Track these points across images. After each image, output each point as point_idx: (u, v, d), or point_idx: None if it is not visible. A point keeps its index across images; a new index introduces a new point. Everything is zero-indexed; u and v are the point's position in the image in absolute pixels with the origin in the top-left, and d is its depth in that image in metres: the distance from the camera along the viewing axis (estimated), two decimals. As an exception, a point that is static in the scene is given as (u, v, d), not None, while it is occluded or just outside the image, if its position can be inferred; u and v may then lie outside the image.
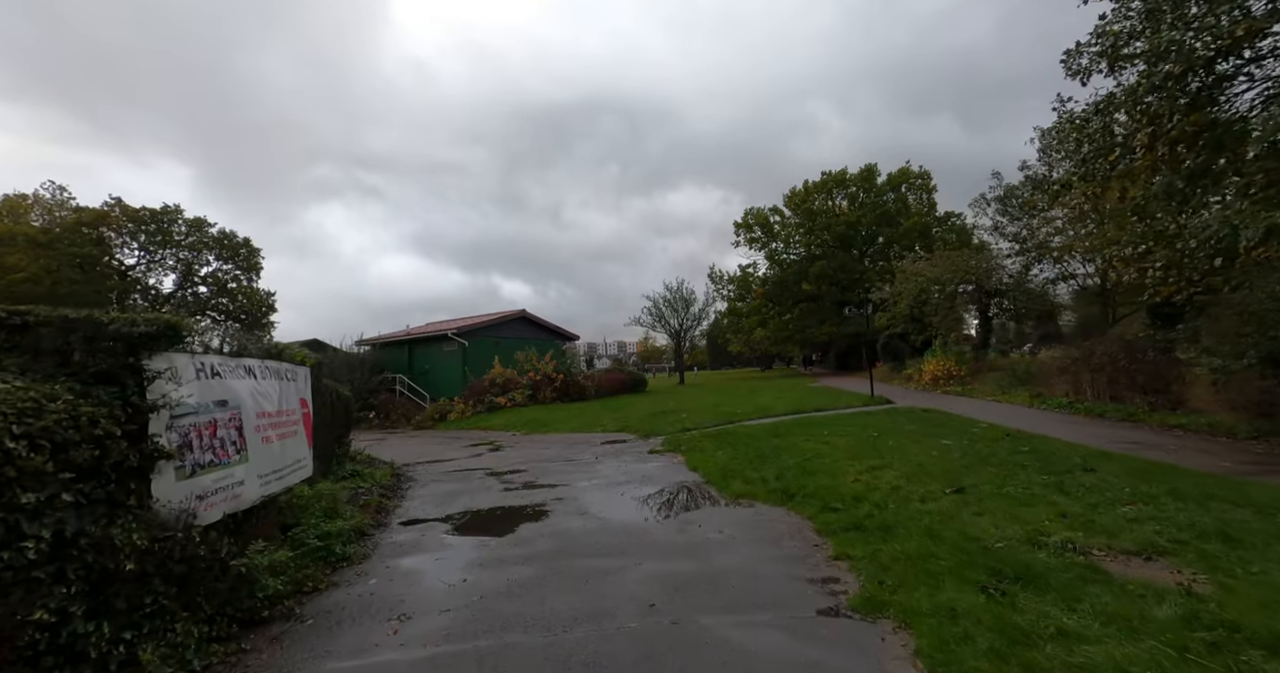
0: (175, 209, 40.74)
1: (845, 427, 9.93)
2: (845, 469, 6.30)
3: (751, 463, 7.43)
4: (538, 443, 12.24)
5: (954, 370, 17.12)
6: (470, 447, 12.28)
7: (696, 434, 11.02)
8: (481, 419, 18.01)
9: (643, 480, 7.21)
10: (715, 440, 9.83)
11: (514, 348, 22.28)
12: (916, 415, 11.09)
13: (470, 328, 22.23)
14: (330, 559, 3.90)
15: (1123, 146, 9.75)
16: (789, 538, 4.38)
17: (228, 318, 43.85)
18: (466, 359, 21.56)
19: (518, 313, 24.63)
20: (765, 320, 43.29)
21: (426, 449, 12.18)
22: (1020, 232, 18.90)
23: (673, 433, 12.08)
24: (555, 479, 7.62)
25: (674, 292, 32.80)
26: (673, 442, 10.44)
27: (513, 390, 20.17)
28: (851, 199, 42.76)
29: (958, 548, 3.60)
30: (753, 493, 5.88)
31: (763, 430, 10.36)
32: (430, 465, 9.64)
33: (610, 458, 9.29)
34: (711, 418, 13.56)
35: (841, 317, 39.49)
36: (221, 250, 43.37)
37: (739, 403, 16.53)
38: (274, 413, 3.94)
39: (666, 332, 33.26)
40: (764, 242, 44.58)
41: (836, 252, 39.85)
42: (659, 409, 16.40)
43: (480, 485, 7.40)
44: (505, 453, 10.92)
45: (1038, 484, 5.17)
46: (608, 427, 14.05)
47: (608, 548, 4.40)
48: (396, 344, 23.35)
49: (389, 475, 7.83)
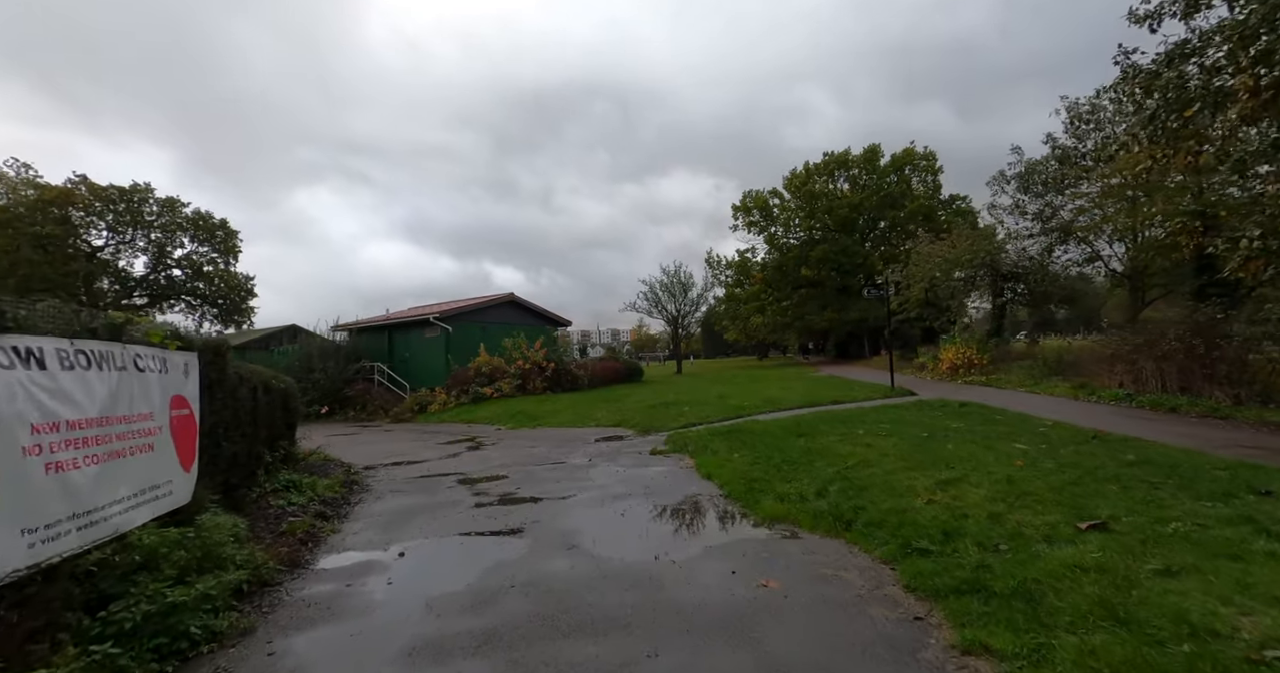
0: (145, 188, 38.58)
1: (879, 423, 8.59)
2: (908, 484, 4.96)
3: (779, 470, 6.09)
4: (524, 439, 10.86)
5: (975, 359, 15.87)
6: (448, 444, 10.88)
7: (704, 431, 9.67)
8: (465, 411, 16.61)
9: (646, 492, 5.85)
10: (727, 439, 8.48)
11: (501, 334, 20.82)
12: (954, 409, 9.79)
13: (454, 313, 20.72)
14: (174, 649, 2.52)
15: (1207, 99, 8.35)
16: (872, 601, 3.02)
17: (204, 303, 41.98)
18: (450, 346, 20.07)
19: (506, 297, 23.13)
20: (764, 307, 41.96)
21: (398, 447, 10.77)
22: (1042, 210, 17.58)
23: (676, 429, 10.74)
24: (540, 489, 6.26)
25: (671, 276, 31.35)
26: (678, 440, 9.09)
27: (500, 379, 18.75)
28: (853, 182, 41.31)
29: (1196, 658, 2.18)
30: (791, 515, 4.54)
31: (780, 427, 9.01)
32: (396, 468, 8.23)
33: (606, 461, 7.93)
34: (718, 411, 12.22)
35: (843, 303, 38.24)
36: (197, 232, 41.34)
37: (745, 394, 15.20)
38: (91, 421, 2.54)
39: (663, 318, 31.90)
40: (763, 226, 43.09)
41: (839, 236, 38.46)
42: (658, 400, 15.05)
43: (447, 499, 6.01)
44: (486, 452, 9.53)
45: (1211, 518, 3.76)
46: (603, 421, 12.69)
47: (606, 616, 3.03)
48: (375, 330, 21.81)
49: (338, 485, 6.42)
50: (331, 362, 18.77)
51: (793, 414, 10.89)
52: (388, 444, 11.32)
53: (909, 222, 38.22)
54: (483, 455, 9.16)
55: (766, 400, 13.14)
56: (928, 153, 39.87)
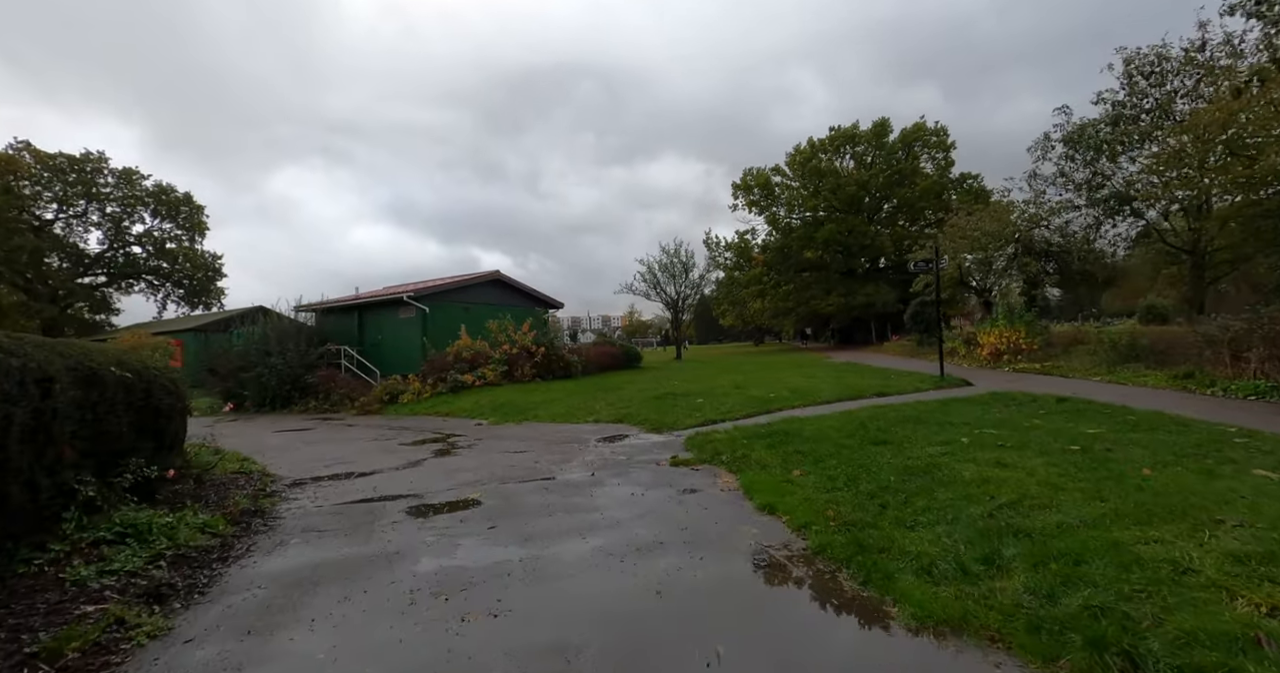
0: (99, 157, 35.55)
1: (978, 427, 6.60)
2: (1174, 563, 2.88)
3: (881, 505, 4.11)
4: (508, 440, 8.82)
5: (1022, 343, 14.02)
6: (413, 445, 8.81)
7: (733, 431, 7.68)
8: (443, 401, 14.52)
9: (687, 542, 3.85)
10: (772, 445, 6.50)
11: (486, 316, 18.66)
12: (1054, 406, 7.82)
13: (431, 291, 18.49)
14: None
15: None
16: None
17: (167, 282, 39.20)
18: (427, 328, 17.89)
19: (490, 275, 20.90)
20: (764, 290, 40.01)
21: (351, 450, 8.68)
22: (1090, 178, 15.64)
23: (694, 427, 8.78)
24: (526, 529, 4.24)
25: (671, 255, 29.15)
26: (702, 444, 7.11)
27: (483, 366, 16.64)
28: (858, 159, 39.19)
29: None
30: (975, 619, 2.52)
31: (839, 430, 7.03)
32: (332, 486, 6.16)
33: (614, 475, 5.91)
34: (740, 405, 10.25)
35: (849, 286, 36.38)
36: (159, 206, 38.41)
37: (764, 383, 13.24)
38: None
39: (662, 301, 29.82)
40: (764, 205, 40.88)
41: (846, 215, 36.42)
42: (664, 391, 13.06)
43: (381, 551, 3.96)
44: (458, 460, 7.48)
45: None
46: (603, 416, 10.68)
47: None
48: (343, 310, 19.53)
49: (223, 524, 4.34)
50: (291, 345, 16.53)
51: (839, 410, 8.91)
52: (340, 446, 9.22)
53: (919, 200, 36.35)
54: (452, 465, 7.10)
55: (794, 392, 11.18)
56: (939, 128, 37.75)
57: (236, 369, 16.54)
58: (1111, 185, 15.49)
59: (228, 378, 16.73)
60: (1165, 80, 14.49)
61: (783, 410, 9.64)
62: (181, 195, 38.72)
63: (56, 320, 34.23)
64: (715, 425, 8.80)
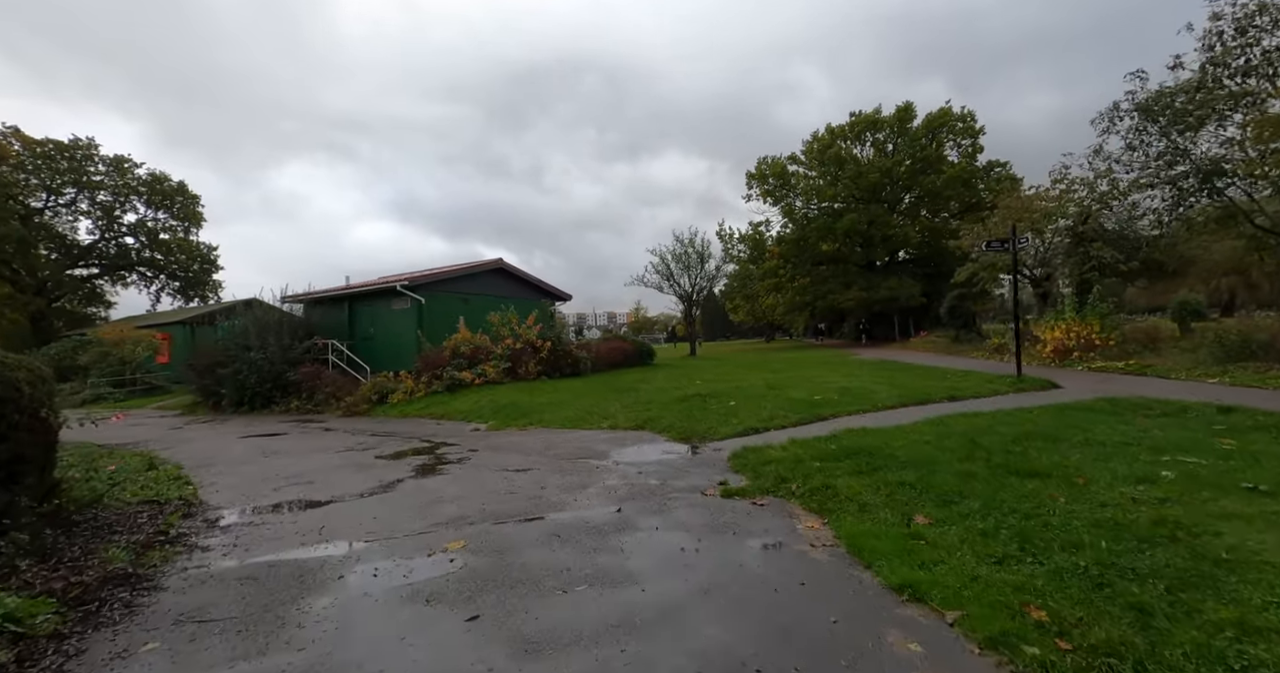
0: (89, 143, 34.19)
1: (1160, 449, 4.92)
2: None
3: (1115, 594, 2.49)
4: (508, 453, 7.22)
5: (1095, 339, 12.29)
6: (393, 460, 7.23)
7: (791, 446, 6.04)
8: (438, 402, 12.96)
9: (802, 667, 2.23)
10: (853, 469, 4.87)
11: (487, 307, 17.10)
12: (1217, 417, 6.13)
13: (428, 280, 16.92)
14: None
15: None
16: None
17: (161, 274, 37.88)
18: (423, 321, 16.33)
19: (492, 264, 19.31)
20: (780, 285, 38.25)
21: (315, 465, 7.11)
22: (1165, 151, 13.80)
23: (734, 437, 7.21)
24: (525, 624, 2.66)
25: (686, 244, 27.39)
26: (755, 464, 5.50)
27: (483, 363, 15.08)
28: (878, 147, 37.28)
29: None
30: None
31: (937, 447, 5.37)
32: (263, 527, 4.57)
33: (651, 514, 4.30)
34: (782, 409, 8.61)
35: (871, 280, 34.56)
36: (152, 196, 37.04)
37: (801, 383, 11.59)
38: None
39: (676, 293, 28.09)
40: (779, 195, 39.07)
41: (868, 205, 34.56)
42: (686, 391, 11.45)
43: None
44: (443, 482, 5.88)
45: None
46: (619, 420, 9.09)
47: None
48: (332, 301, 17.99)
49: (46, 611, 2.76)
50: (272, 338, 15.02)
51: (916, 418, 7.22)
52: (306, 459, 7.65)
53: (945, 189, 34.43)
54: (434, 491, 5.51)
55: (844, 394, 9.52)
56: (965, 113, 35.77)
57: (213, 365, 15.05)
58: (1191, 161, 13.67)
59: (204, 374, 15.25)
60: (1261, 38, 12.68)
61: (838, 417, 8.00)
62: (175, 184, 37.35)
63: (45, 313, 32.99)
64: (761, 436, 7.18)
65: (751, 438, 7.19)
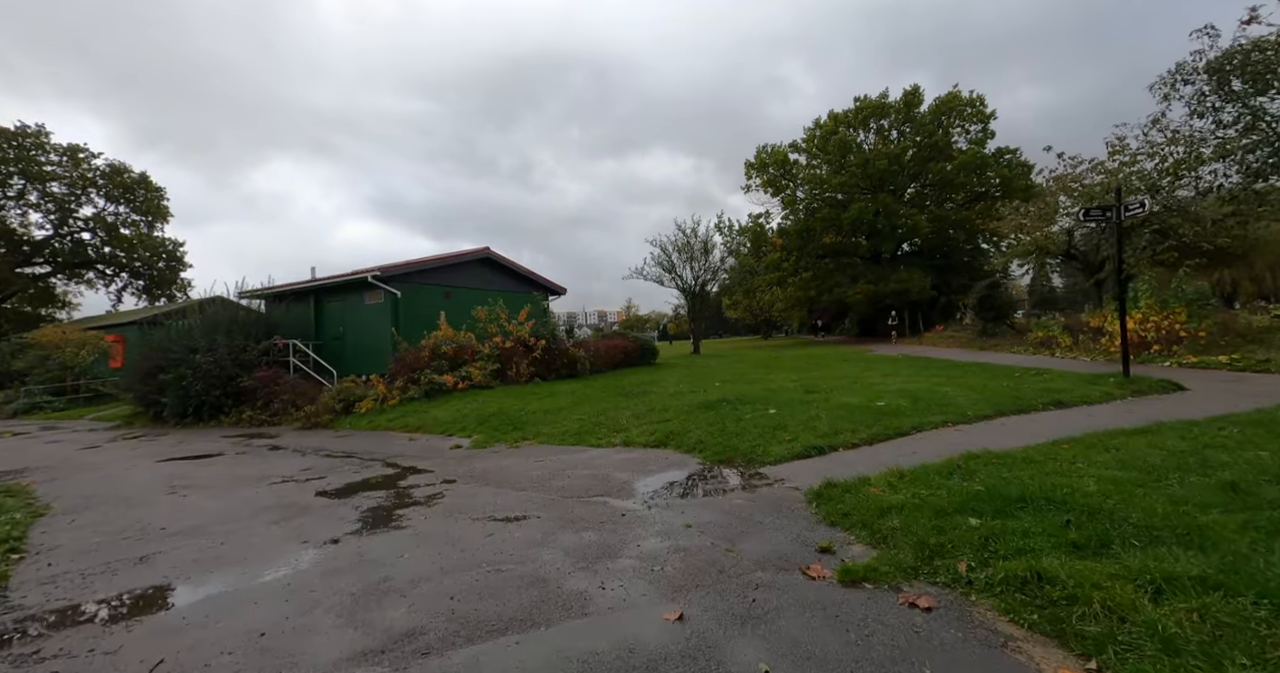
0: (38, 130, 31.63)
1: None
2: None
3: None
4: (496, 489, 5.32)
5: (1179, 330, 10.66)
6: (335, 500, 5.33)
7: (899, 481, 4.23)
8: (414, 410, 11.03)
9: None
10: (1052, 532, 3.06)
11: (473, 302, 15.19)
12: None
13: (405, 272, 14.95)
14: None
15: None
16: None
17: (122, 272, 35.36)
18: (399, 317, 14.38)
19: (478, 253, 17.35)
20: (783, 278, 36.57)
21: (226, 507, 5.18)
22: (1240, 116, 12.16)
23: (794, 459, 5.47)
24: None
25: (689, 234, 25.51)
26: (855, 512, 3.71)
27: (468, 364, 13.17)
28: (882, 134, 35.69)
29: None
30: None
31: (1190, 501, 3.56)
32: (39, 666, 2.67)
33: (742, 631, 2.45)
34: (841, 419, 6.82)
35: (878, 273, 32.95)
36: (111, 188, 34.53)
37: (847, 387, 9.82)
38: None
39: (678, 286, 26.21)
40: (781, 184, 37.38)
41: (876, 194, 32.94)
42: (706, 395, 9.65)
43: None
44: (395, 549, 3.97)
45: None
46: (633, 435, 7.26)
47: None
48: (298, 296, 15.94)
49: None
50: (223, 339, 12.98)
51: (1057, 435, 5.44)
52: (219, 498, 5.71)
53: (956, 176, 32.90)
54: (381, 565, 3.61)
55: (915, 401, 7.72)
56: (974, 97, 34.20)
57: (154, 369, 12.99)
58: (1273, 128, 12.05)
59: (144, 381, 13.19)
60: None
61: (923, 432, 6.23)
62: (137, 176, 34.87)
63: (-8, 314, 30.48)
64: (832, 459, 5.39)
65: (821, 462, 5.39)
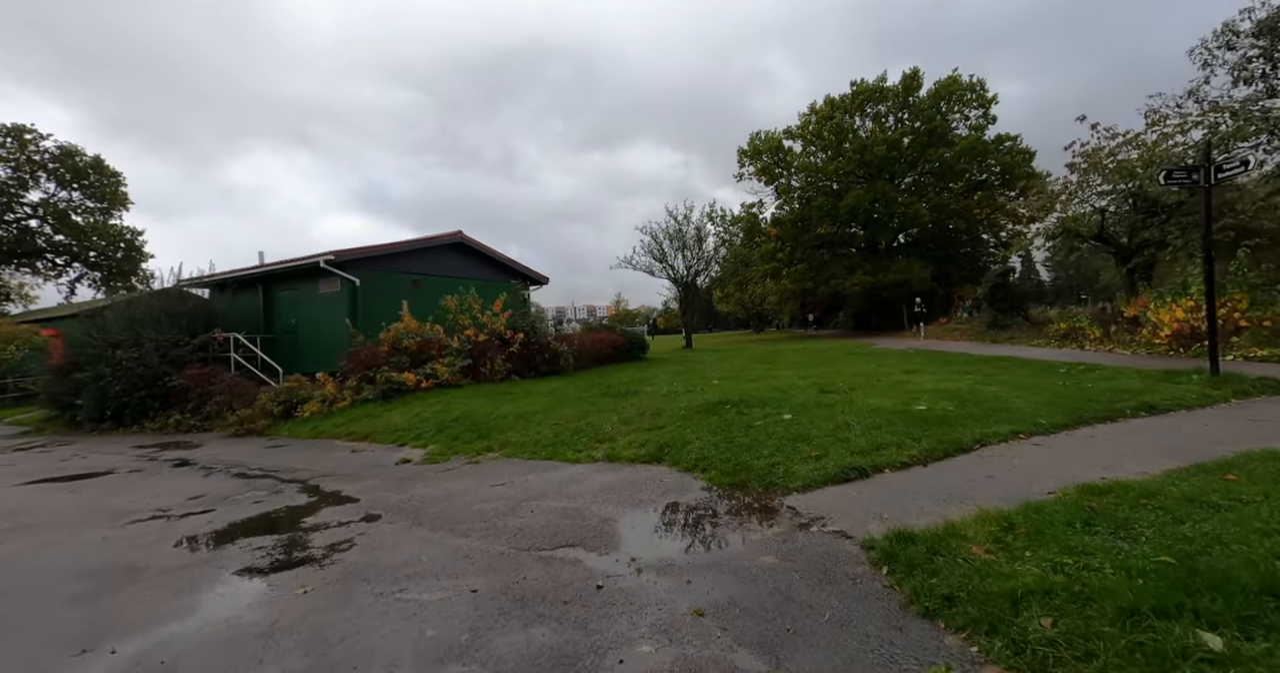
0: (-21, 109, 29.16)
1: None
2: None
3: None
4: (431, 534, 3.81)
5: (1239, 319, 9.45)
6: (190, 557, 3.83)
7: (1015, 544, 2.84)
8: (366, 414, 9.49)
9: None
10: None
11: (443, 290, 13.62)
12: None
13: (365, 257, 13.34)
14: None
15: None
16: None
17: (75, 262, 33.13)
18: (357, 307, 12.80)
19: (450, 237, 15.75)
20: (778, 269, 35.26)
21: (31, 566, 3.68)
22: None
23: (825, 484, 4.10)
24: None
25: (681, 221, 24.02)
26: (966, 595, 2.29)
27: (434, 360, 11.64)
28: (879, 120, 34.40)
29: None
30: None
31: None
32: None
33: None
34: (885, 431, 5.43)
35: (877, 264, 31.72)
36: (63, 172, 32.25)
37: (868, 386, 8.48)
38: None
39: (669, 276, 24.78)
40: (775, 172, 35.98)
41: (874, 181, 31.68)
42: (705, 395, 8.28)
43: None
44: (223, 667, 2.50)
45: None
46: (619, 445, 5.87)
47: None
48: (243, 284, 14.25)
49: None
50: (150, 332, 11.32)
51: (1204, 458, 4.12)
52: (45, 547, 4.19)
53: (958, 162, 31.75)
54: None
55: (961, 404, 6.36)
56: (974, 81, 32.96)
57: (69, 367, 11.31)
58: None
59: (58, 380, 11.51)
60: None
61: (990, 446, 4.86)
62: (90, 159, 32.61)
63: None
64: (880, 481, 4.02)
65: (865, 489, 4.01)
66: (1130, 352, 10.70)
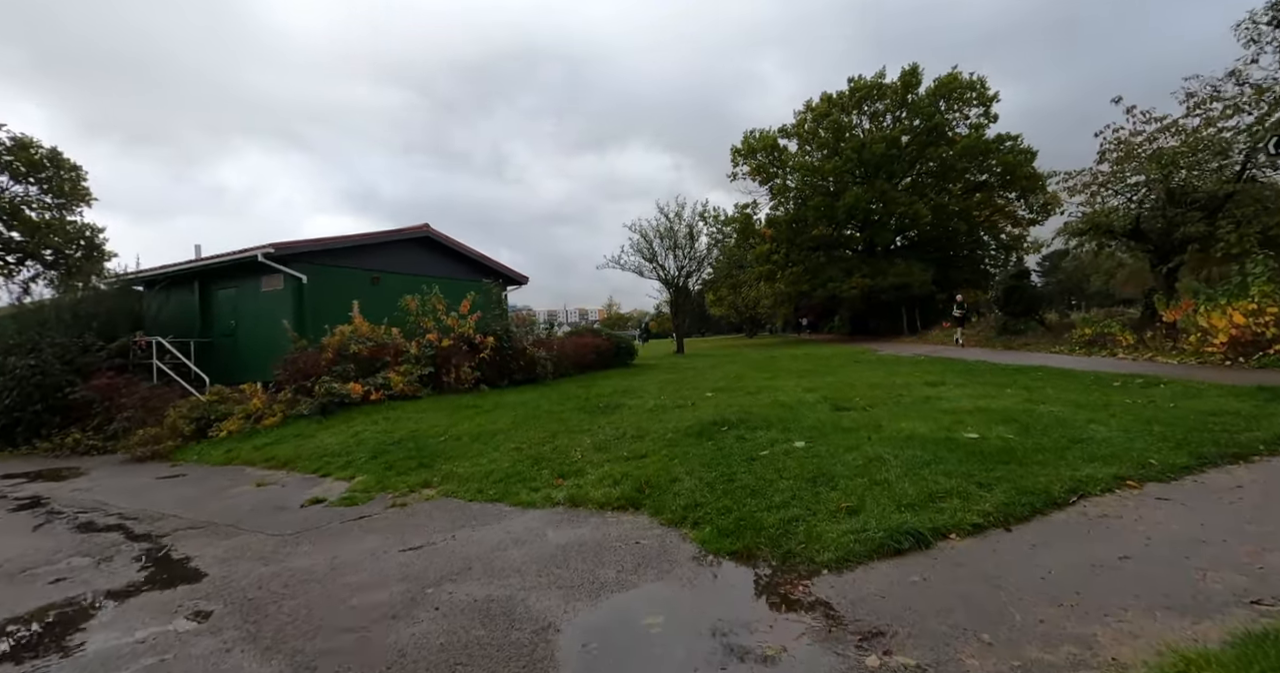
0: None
1: None
2: None
3: None
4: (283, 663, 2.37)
5: (1309, 324, 8.22)
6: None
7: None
8: (295, 433, 7.98)
9: None
10: None
11: (406, 289, 12.12)
12: None
13: (314, 251, 11.83)
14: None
15: None
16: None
17: (29, 260, 31.16)
18: (304, 307, 11.29)
19: (415, 231, 14.25)
20: (773, 272, 34.03)
21: None
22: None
23: (870, 557, 2.54)
24: None
25: (672, 219, 22.61)
26: None
27: (388, 367, 10.15)
28: (876, 119, 33.39)
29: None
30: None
31: None
32: None
33: None
34: (934, 471, 4.05)
35: (876, 266, 30.53)
36: (18, 164, 30.34)
37: (892, 403, 7.14)
38: None
39: (659, 277, 23.37)
40: (770, 172, 34.84)
41: (874, 180, 30.58)
42: (698, 412, 6.92)
43: None
44: None
45: None
46: (589, 487, 4.41)
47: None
48: (175, 281, 12.66)
49: None
50: (52, 335, 9.75)
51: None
52: None
53: (959, 161, 30.76)
54: None
55: (1019, 428, 4.99)
56: (974, 80, 32.01)
57: (-45, 377, 9.69)
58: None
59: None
60: None
61: (1091, 499, 3.50)
62: (47, 151, 30.74)
63: None
64: (949, 556, 2.60)
65: (929, 569, 2.62)
66: (1177, 361, 9.43)
